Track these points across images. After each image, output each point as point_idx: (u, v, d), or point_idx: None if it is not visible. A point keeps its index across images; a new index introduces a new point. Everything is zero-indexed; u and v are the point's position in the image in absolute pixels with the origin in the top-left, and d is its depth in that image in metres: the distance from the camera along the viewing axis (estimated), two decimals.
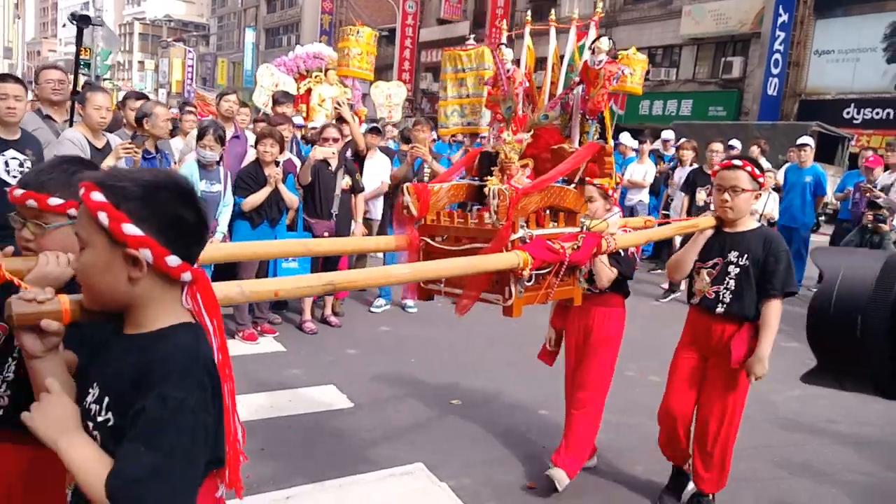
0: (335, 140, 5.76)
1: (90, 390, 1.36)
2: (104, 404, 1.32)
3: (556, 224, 2.79)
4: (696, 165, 8.78)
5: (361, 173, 6.32)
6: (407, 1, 37.36)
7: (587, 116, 2.83)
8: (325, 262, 5.92)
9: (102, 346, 1.43)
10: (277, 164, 5.55)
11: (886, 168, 8.40)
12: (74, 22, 6.19)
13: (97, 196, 1.29)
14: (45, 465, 1.55)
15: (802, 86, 21.13)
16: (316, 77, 10.27)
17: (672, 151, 10.75)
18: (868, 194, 8.20)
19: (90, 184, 1.31)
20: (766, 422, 4.67)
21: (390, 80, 19.53)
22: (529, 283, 2.52)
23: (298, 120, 8.19)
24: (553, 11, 3.55)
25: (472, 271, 2.36)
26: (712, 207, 3.47)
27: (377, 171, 6.75)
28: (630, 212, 9.29)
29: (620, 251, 3.11)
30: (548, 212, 2.75)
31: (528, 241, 2.52)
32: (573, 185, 2.84)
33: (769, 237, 3.27)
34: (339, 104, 8.01)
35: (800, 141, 9.52)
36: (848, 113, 20.28)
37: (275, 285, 1.92)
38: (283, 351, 5.50)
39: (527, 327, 6.39)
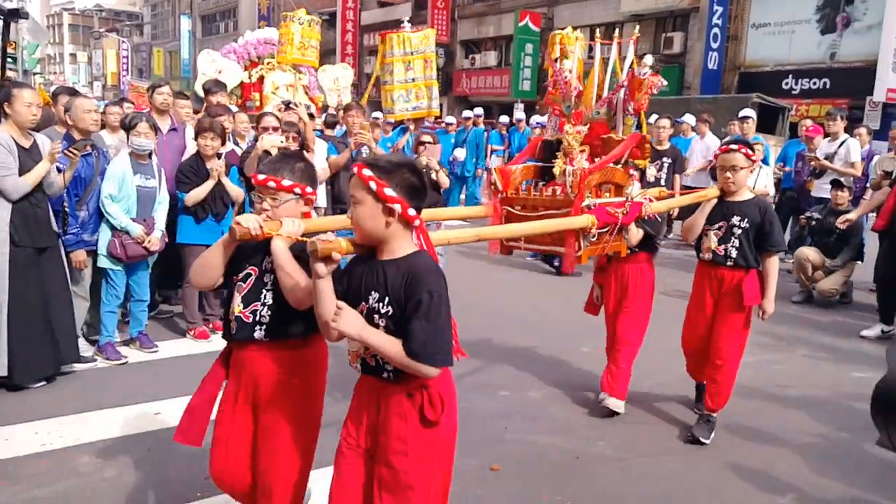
0: (275, 129, 5.60)
1: (368, 297, 2.15)
2: (385, 302, 2.11)
3: (608, 195, 3.73)
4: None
5: None
6: None
7: (630, 113, 3.81)
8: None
9: (365, 271, 2.17)
10: (219, 156, 5.38)
11: (826, 136, 8.62)
12: (2, 17, 5.88)
13: (367, 171, 2.08)
14: (283, 367, 2.51)
15: (741, 59, 21.55)
16: (268, 64, 9.99)
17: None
18: (813, 163, 8.41)
19: (362, 164, 2.11)
20: None
21: (333, 65, 19.24)
22: (593, 239, 3.49)
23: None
24: None
25: (555, 230, 3.33)
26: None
27: (318, 161, 6.58)
28: None
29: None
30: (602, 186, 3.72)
31: (592, 208, 3.45)
32: (620, 165, 3.76)
33: (763, 206, 4.06)
34: (296, 104, 7.84)
35: (742, 113, 9.69)
36: (786, 84, 20.79)
37: (449, 235, 2.88)
38: None
39: (482, 314, 6.43)
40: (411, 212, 2.10)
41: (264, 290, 2.48)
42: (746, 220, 3.97)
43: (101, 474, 3.46)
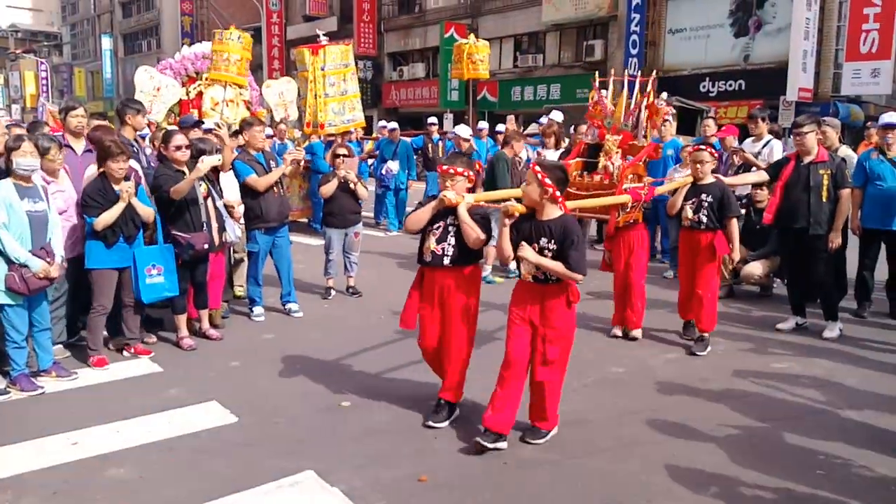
0: (187, 147, 5.47)
1: (540, 239, 3.77)
2: (551, 242, 3.75)
3: (635, 181, 5.50)
4: (562, 149, 9.03)
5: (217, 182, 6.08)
6: None
7: (649, 128, 5.79)
8: (194, 271, 5.69)
9: (532, 225, 3.84)
10: (127, 178, 5.19)
11: (747, 136, 8.90)
12: None
13: (538, 168, 3.77)
14: (458, 281, 4.15)
15: (660, 64, 22.20)
16: (206, 79, 9.75)
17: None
18: (737, 157, 8.64)
19: (535, 164, 3.86)
20: (645, 387, 4.86)
21: (260, 80, 18.98)
22: (625, 212, 5.47)
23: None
24: (418, 5, 3.64)
25: (606, 204, 5.24)
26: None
27: (233, 181, 6.42)
28: None
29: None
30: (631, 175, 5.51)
31: (628, 189, 5.29)
32: (641, 163, 5.66)
33: (721, 186, 5.75)
34: (218, 125, 7.69)
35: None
36: (704, 87, 21.53)
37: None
38: (159, 371, 5.19)
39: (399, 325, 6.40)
40: (558, 193, 3.79)
41: (449, 236, 4.10)
42: (711, 196, 5.68)
43: None
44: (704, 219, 5.67)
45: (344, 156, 7.27)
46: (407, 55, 32.33)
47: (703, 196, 5.69)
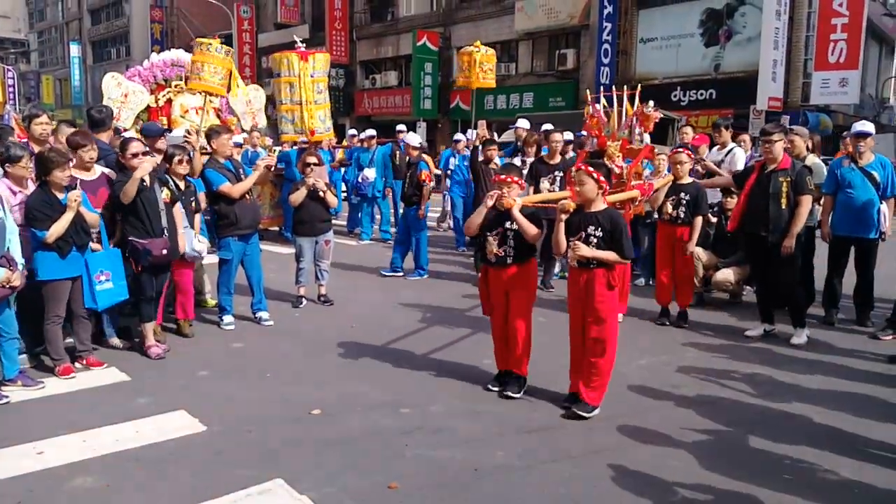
0: (145, 153, 5.40)
1: (588, 228, 4.41)
2: (598, 230, 4.39)
3: (636, 179, 6.12)
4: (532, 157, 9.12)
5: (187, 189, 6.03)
6: (241, 6, 36.29)
7: (642, 133, 6.30)
8: (156, 279, 5.61)
9: (581, 217, 4.46)
10: (72, 187, 5.08)
11: (713, 145, 9.02)
12: None
13: (591, 168, 4.47)
14: (518, 277, 4.75)
15: (632, 73, 22.41)
16: (176, 87, 9.63)
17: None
18: (700, 166, 8.76)
19: (585, 165, 4.52)
20: (617, 393, 4.86)
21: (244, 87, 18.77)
22: (635, 205, 6.09)
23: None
24: (391, 13, 3.62)
25: (620, 199, 5.68)
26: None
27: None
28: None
29: None
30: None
31: (634, 186, 5.95)
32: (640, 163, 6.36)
33: (697, 186, 6.67)
34: (188, 132, 7.61)
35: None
36: (675, 96, 21.76)
37: (552, 196, 5.84)
38: (127, 380, 5.11)
39: (385, 329, 6.39)
40: (603, 189, 4.50)
41: (509, 240, 4.69)
42: (689, 195, 6.54)
43: None
44: (682, 214, 6.58)
45: (314, 164, 7.25)
46: (379, 63, 32.30)
47: (682, 194, 6.57)
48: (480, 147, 8.74)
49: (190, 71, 9.86)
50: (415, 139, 9.58)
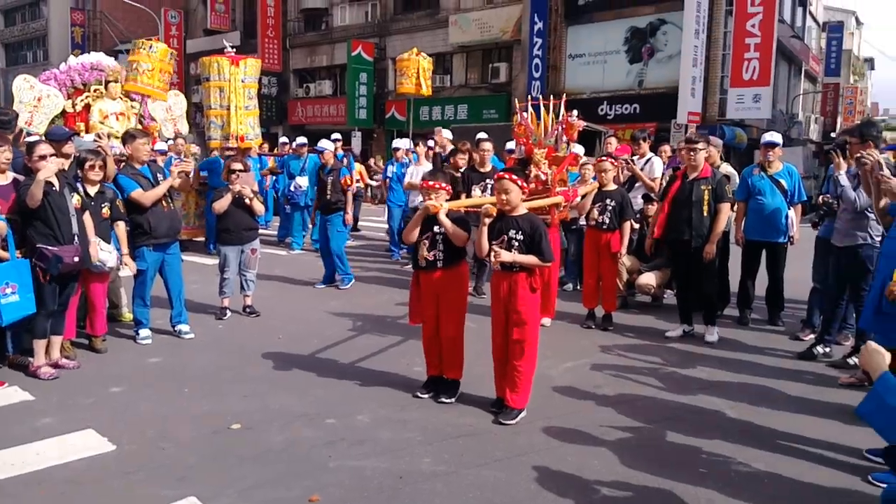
0: (52, 155, 5.15)
1: (509, 232, 4.46)
2: (518, 235, 4.44)
3: (561, 185, 6.44)
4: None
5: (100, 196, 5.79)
6: (169, 11, 35.45)
7: (567, 141, 6.64)
8: (62, 288, 5.34)
9: (503, 221, 4.52)
10: None
11: (633, 155, 9.28)
12: None
13: (514, 177, 4.54)
14: (448, 281, 4.76)
15: (561, 87, 22.83)
16: (95, 91, 9.23)
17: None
18: (627, 168, 8.96)
19: (508, 174, 4.57)
20: (542, 396, 4.89)
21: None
22: (559, 210, 6.25)
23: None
24: (325, 23, 3.56)
25: (545, 204, 5.85)
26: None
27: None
28: (415, 210, 9.46)
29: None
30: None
31: (559, 192, 6.17)
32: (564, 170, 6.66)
33: (622, 192, 7.06)
34: (98, 136, 7.33)
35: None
36: (602, 110, 22.32)
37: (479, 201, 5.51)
38: (30, 399, 4.82)
39: (307, 343, 6.26)
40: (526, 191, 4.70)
41: (438, 244, 4.70)
42: (614, 200, 6.82)
43: None
44: (608, 220, 6.80)
45: (239, 171, 7.09)
46: (314, 72, 32.02)
47: (608, 201, 6.83)
48: (446, 156, 8.79)
49: (128, 70, 9.53)
50: (329, 146, 9.40)
